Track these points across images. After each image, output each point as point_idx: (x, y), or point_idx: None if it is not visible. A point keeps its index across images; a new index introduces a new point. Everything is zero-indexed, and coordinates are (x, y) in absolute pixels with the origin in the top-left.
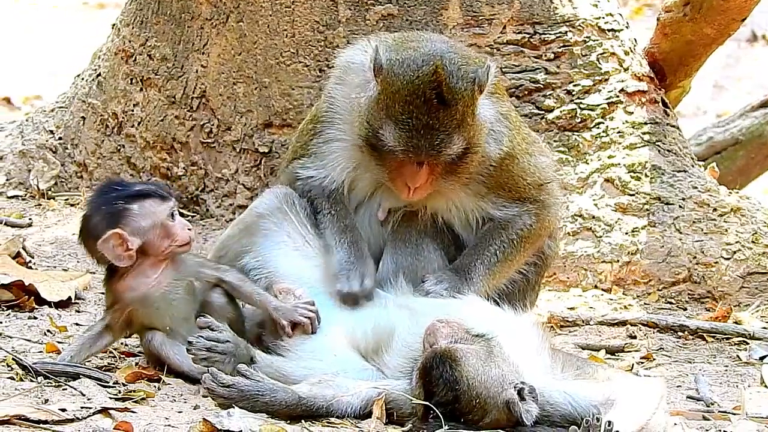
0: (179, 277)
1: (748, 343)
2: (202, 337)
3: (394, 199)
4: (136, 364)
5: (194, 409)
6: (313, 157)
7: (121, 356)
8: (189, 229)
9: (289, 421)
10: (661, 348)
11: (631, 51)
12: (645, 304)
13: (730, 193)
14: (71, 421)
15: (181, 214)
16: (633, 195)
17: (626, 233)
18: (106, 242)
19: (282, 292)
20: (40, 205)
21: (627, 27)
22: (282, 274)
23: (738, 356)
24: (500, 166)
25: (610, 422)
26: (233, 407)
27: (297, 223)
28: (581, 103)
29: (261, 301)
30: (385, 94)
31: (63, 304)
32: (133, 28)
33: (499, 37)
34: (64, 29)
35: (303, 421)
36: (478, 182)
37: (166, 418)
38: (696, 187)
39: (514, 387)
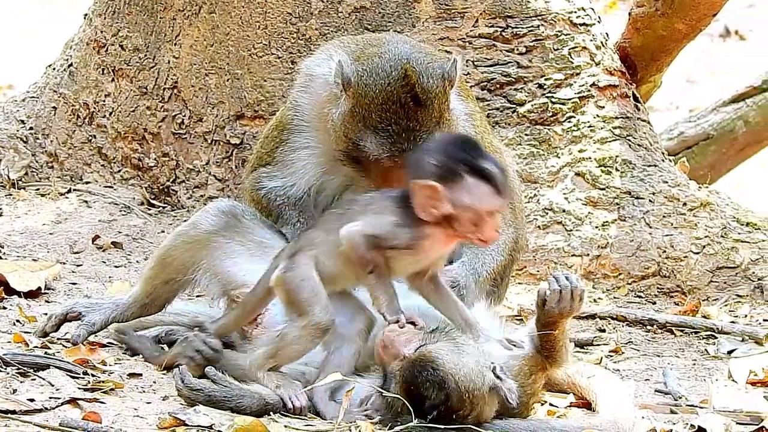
0: None
1: (716, 338)
2: (197, 336)
3: None
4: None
5: (163, 400)
6: (279, 166)
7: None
8: (496, 233)
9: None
10: (629, 341)
11: (603, 45)
12: (614, 297)
13: (700, 187)
14: (39, 411)
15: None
16: (603, 189)
17: (596, 227)
18: (421, 188)
19: (239, 297)
20: (11, 195)
21: (599, 21)
22: (240, 281)
23: (706, 350)
24: None
25: None
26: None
27: (248, 231)
28: (552, 97)
29: None
30: (359, 106)
31: (32, 294)
32: (105, 18)
33: (471, 31)
34: (37, 18)
35: (271, 412)
36: None
37: (135, 409)
38: (666, 182)
39: (490, 369)
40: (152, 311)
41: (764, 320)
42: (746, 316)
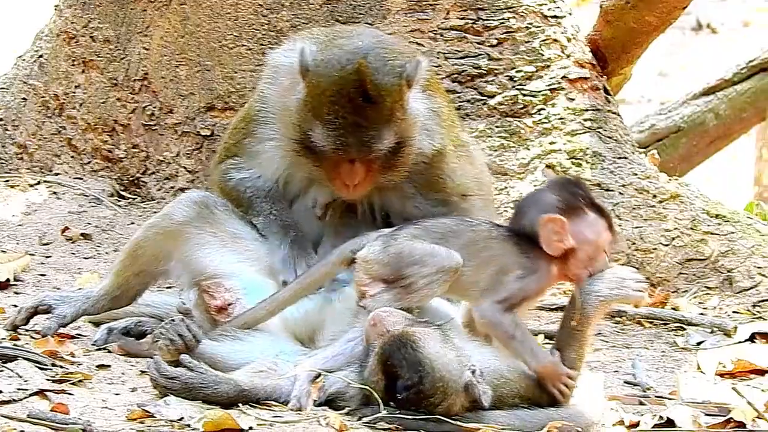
0: None
1: (685, 329)
2: (183, 322)
3: (328, 193)
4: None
5: (132, 391)
6: (246, 157)
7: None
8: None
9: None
10: (599, 333)
11: (574, 38)
12: None
13: (670, 180)
14: (7, 402)
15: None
16: None
17: None
18: (548, 222)
19: (211, 287)
20: None
21: (570, 14)
22: (212, 272)
23: (675, 342)
24: (431, 164)
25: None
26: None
27: (220, 221)
28: (523, 89)
29: None
30: (311, 96)
31: (1, 286)
32: (75, 9)
33: (442, 23)
34: (6, 9)
35: (241, 405)
36: (408, 181)
37: (104, 401)
38: (636, 174)
39: (469, 369)
40: (123, 303)
41: (733, 312)
42: (715, 308)
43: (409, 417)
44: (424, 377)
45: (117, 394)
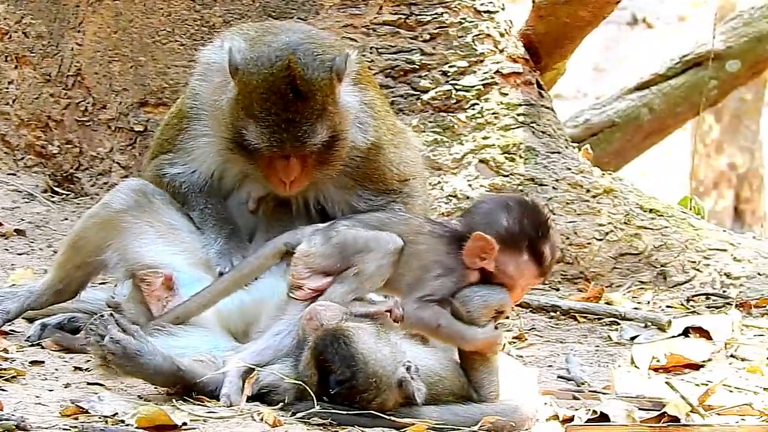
0: None
1: (619, 324)
2: (112, 316)
3: (262, 188)
4: None
5: (65, 387)
6: (179, 153)
7: None
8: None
9: (164, 392)
10: (533, 328)
11: (507, 33)
12: None
13: (604, 174)
14: None
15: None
16: (507, 176)
17: None
18: (479, 240)
19: (147, 276)
20: None
21: (503, 9)
22: (148, 262)
23: (609, 336)
24: (367, 157)
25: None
26: (105, 390)
27: (158, 212)
28: (456, 84)
29: None
30: (242, 94)
31: None
32: (8, 5)
33: (375, 18)
34: None
35: (174, 400)
36: (345, 174)
37: (37, 397)
38: (569, 169)
39: (404, 366)
40: (66, 297)
41: (667, 306)
42: (649, 302)
43: (343, 412)
44: (356, 372)
45: (51, 390)
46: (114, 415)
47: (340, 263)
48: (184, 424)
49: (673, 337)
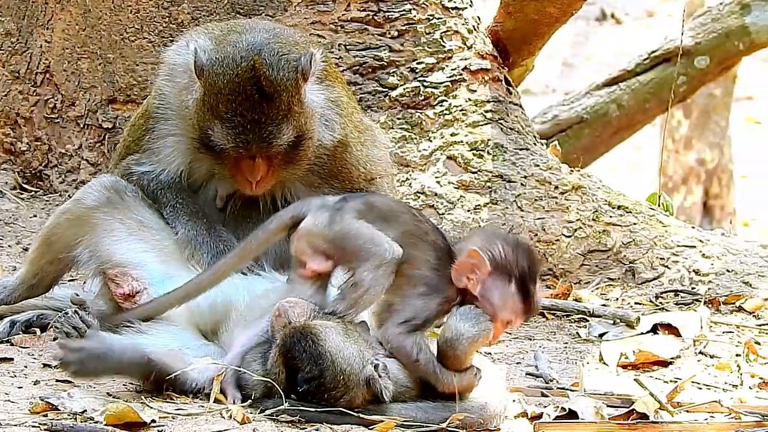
0: None
1: (587, 321)
2: (76, 313)
3: (229, 185)
4: None
5: (35, 384)
6: (147, 153)
7: None
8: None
9: (133, 390)
10: None
11: (475, 29)
12: None
13: (572, 171)
14: None
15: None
16: (475, 172)
17: (468, 210)
18: (474, 256)
19: (117, 276)
20: None
21: (471, 5)
22: (118, 260)
23: (578, 333)
24: (333, 155)
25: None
26: (74, 387)
27: (129, 209)
28: (424, 80)
29: None
30: (208, 95)
31: None
32: None
33: (343, 15)
34: None
35: (143, 398)
36: (312, 172)
37: (6, 394)
38: (538, 165)
39: (372, 363)
40: (40, 292)
41: (635, 303)
42: (617, 299)
43: (311, 409)
44: (324, 370)
45: (20, 387)
46: (83, 412)
47: (339, 252)
48: (153, 421)
49: (642, 334)
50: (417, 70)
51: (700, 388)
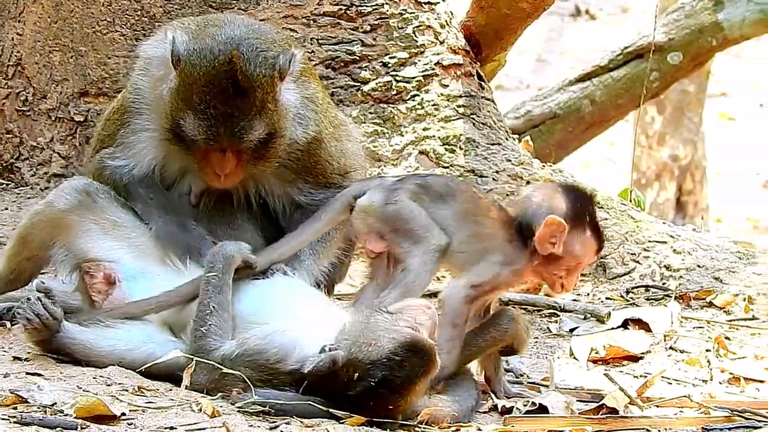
0: None
1: (558, 316)
2: (39, 301)
3: (202, 182)
4: None
5: (4, 377)
6: (121, 147)
7: None
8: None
9: (103, 383)
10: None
11: (447, 24)
12: None
13: (544, 166)
14: None
15: None
16: (447, 167)
17: None
18: (552, 224)
19: (91, 268)
20: None
21: (443, 0)
22: (93, 256)
23: (548, 328)
24: (307, 151)
25: None
26: (44, 379)
27: (102, 209)
28: (397, 75)
29: None
30: (183, 85)
31: None
32: None
33: (315, 9)
34: None
35: (114, 390)
36: (286, 167)
37: None
38: (510, 160)
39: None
40: (20, 285)
41: (606, 298)
42: (588, 294)
43: (281, 401)
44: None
45: None
46: (53, 405)
47: (391, 232)
48: (123, 414)
49: (613, 329)
50: (389, 65)
51: (670, 383)
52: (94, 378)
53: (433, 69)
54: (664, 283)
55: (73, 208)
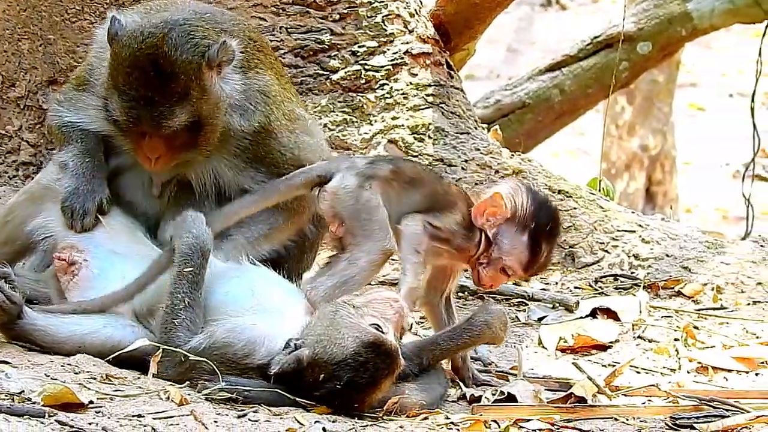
0: None
1: (526, 304)
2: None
3: (166, 173)
4: None
5: None
6: (78, 107)
7: None
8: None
9: (71, 371)
10: None
11: (417, 13)
12: None
13: (513, 155)
14: None
15: None
16: (416, 156)
17: None
18: (497, 200)
19: (65, 249)
20: None
21: None
22: (67, 234)
23: (517, 317)
24: (256, 140)
25: None
26: (12, 367)
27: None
28: (366, 64)
29: None
30: (113, 65)
31: None
32: None
33: None
34: None
35: (82, 378)
36: (235, 155)
37: None
38: (479, 149)
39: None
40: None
41: (575, 288)
42: (557, 283)
43: (248, 388)
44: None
45: None
46: (21, 393)
47: (350, 220)
48: (91, 402)
49: (581, 318)
50: (358, 54)
51: (639, 372)
52: (62, 366)
53: (402, 58)
54: (632, 273)
55: (54, 182)
